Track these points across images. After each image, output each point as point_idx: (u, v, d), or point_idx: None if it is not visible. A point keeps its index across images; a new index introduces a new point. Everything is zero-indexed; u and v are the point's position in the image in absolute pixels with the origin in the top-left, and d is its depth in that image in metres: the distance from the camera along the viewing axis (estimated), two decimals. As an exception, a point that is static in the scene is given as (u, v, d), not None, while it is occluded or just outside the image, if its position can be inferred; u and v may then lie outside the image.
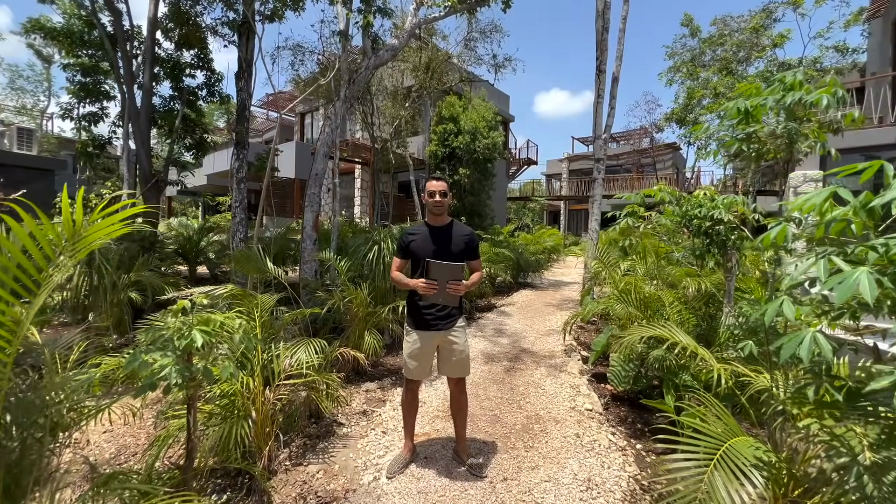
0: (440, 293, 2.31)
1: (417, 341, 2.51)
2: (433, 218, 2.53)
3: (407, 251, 2.52)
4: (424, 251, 2.44)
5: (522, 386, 3.85)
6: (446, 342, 2.53)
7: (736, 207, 3.62)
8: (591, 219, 7.03)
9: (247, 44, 6.40)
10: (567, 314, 6.88)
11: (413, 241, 2.50)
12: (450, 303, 2.38)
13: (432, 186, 2.47)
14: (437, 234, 2.50)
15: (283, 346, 2.92)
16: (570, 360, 4.63)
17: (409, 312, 2.56)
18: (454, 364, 2.56)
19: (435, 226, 2.52)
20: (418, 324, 2.51)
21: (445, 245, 2.48)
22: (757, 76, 12.52)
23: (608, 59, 6.98)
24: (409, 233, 2.55)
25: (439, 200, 2.45)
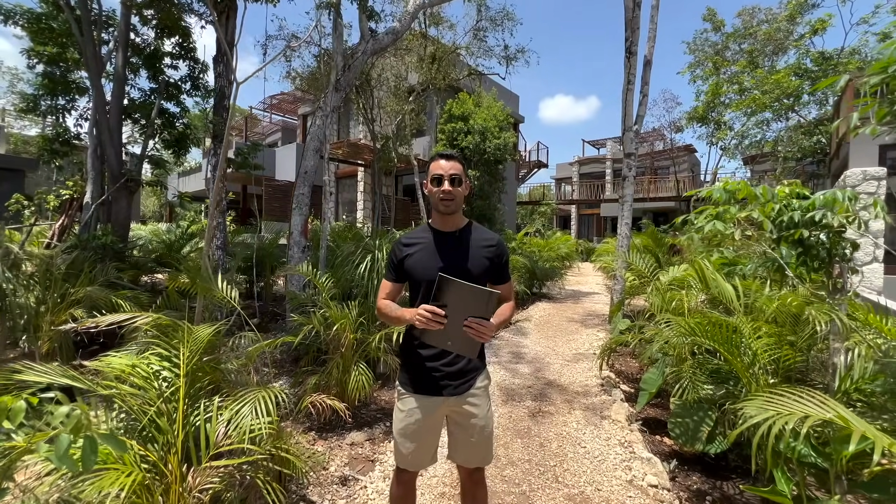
0: (453, 334, 1.40)
1: (415, 411, 1.60)
2: (441, 219, 1.62)
3: (401, 270, 1.63)
4: (427, 270, 1.55)
5: (555, 441, 2.93)
6: (459, 414, 1.63)
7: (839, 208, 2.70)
8: (620, 223, 6.10)
9: (227, 23, 5.63)
10: (594, 333, 5.95)
11: (410, 254, 1.60)
12: (466, 352, 1.47)
13: (439, 168, 1.56)
14: (448, 242, 1.61)
15: (229, 401, 2.04)
16: (608, 397, 3.70)
17: (404, 365, 1.68)
18: (471, 447, 1.64)
19: (443, 231, 1.62)
20: (417, 384, 1.62)
21: (460, 260, 1.58)
22: (789, 69, 11.54)
23: (640, 39, 6.09)
24: (403, 243, 1.64)
25: (449, 191, 1.54)
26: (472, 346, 1.44)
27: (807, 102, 11.94)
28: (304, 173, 5.79)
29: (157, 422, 1.79)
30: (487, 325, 1.38)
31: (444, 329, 1.39)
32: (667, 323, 3.49)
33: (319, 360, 3.69)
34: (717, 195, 2.47)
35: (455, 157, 1.60)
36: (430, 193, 1.60)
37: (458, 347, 1.44)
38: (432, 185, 1.58)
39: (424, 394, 1.60)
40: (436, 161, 1.60)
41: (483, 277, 1.61)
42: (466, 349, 1.45)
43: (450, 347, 1.44)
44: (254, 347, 2.76)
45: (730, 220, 2.41)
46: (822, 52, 11.27)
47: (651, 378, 3.32)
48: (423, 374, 1.60)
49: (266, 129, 26.14)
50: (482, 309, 1.38)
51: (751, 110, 12.33)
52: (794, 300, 2.52)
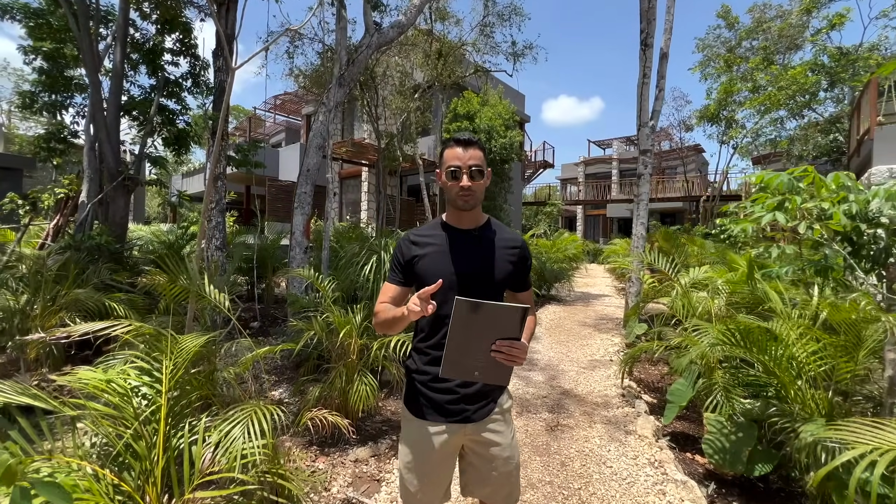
0: (480, 362, 1.14)
1: (425, 441, 1.34)
2: (457, 215, 1.36)
3: (409, 272, 1.36)
4: (443, 275, 1.27)
5: (578, 459, 2.68)
6: (479, 443, 1.37)
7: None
8: (636, 222, 5.84)
9: (227, 15, 5.43)
10: (608, 338, 5.69)
11: (421, 255, 1.34)
12: (497, 380, 1.22)
13: (455, 158, 1.28)
14: (466, 242, 1.35)
15: (217, 421, 1.81)
16: (631, 408, 3.44)
17: (411, 384, 1.41)
18: (494, 483, 1.38)
19: (460, 228, 1.37)
20: (426, 407, 1.35)
21: (481, 263, 1.34)
22: (806, 66, 11.22)
23: (656, 30, 5.84)
24: (412, 240, 1.37)
25: (469, 186, 1.28)
26: (503, 373, 1.19)
27: (823, 100, 11.62)
28: (306, 171, 5.58)
29: (134, 446, 1.56)
30: (520, 346, 1.13)
31: (468, 357, 1.14)
32: (695, 329, 3.25)
33: (321, 369, 3.47)
34: (779, 181, 2.19)
35: (474, 143, 1.32)
36: (444, 187, 1.34)
37: (488, 376, 1.19)
38: (448, 178, 1.30)
39: (436, 420, 1.34)
40: (451, 148, 1.31)
41: (504, 284, 1.38)
42: (497, 377, 1.20)
43: (477, 378, 1.20)
44: (246, 358, 2.54)
45: (793, 211, 2.13)
46: (839, 47, 10.94)
47: (679, 390, 3.06)
48: (434, 395, 1.34)
49: (270, 130, 26.05)
50: (514, 329, 1.13)
51: (765, 108, 12.02)
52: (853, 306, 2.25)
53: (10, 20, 5.93)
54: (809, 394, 2.28)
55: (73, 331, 2.24)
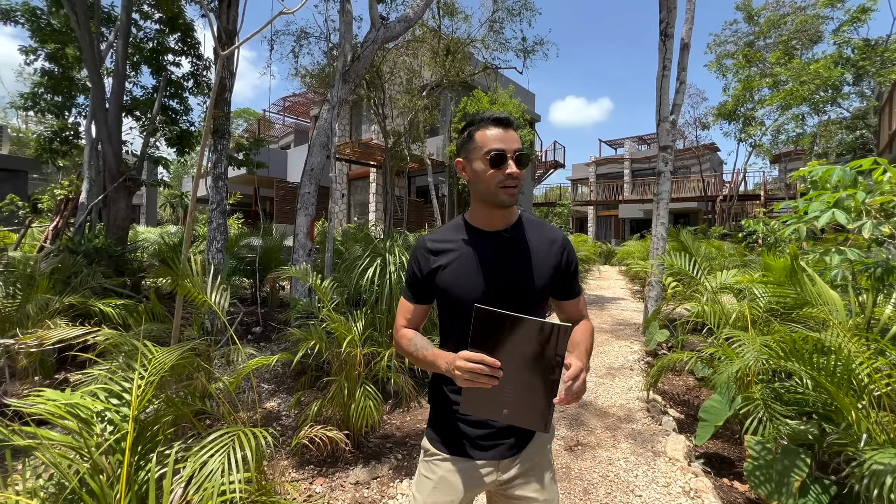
0: (510, 396, 0.90)
1: (453, 483, 1.08)
2: (488, 213, 1.09)
3: (429, 288, 1.11)
4: (472, 289, 1.05)
5: (602, 486, 2.40)
6: (511, 485, 1.10)
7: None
8: (655, 223, 5.53)
9: (228, 11, 5.26)
10: (627, 345, 5.38)
11: (443, 265, 1.08)
12: (531, 423, 0.93)
13: (498, 141, 1.01)
14: (496, 246, 1.09)
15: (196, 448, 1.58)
16: (658, 425, 3.15)
17: (437, 416, 1.15)
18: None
19: (489, 230, 1.10)
20: (456, 441, 1.10)
21: (518, 272, 1.08)
22: (829, 59, 10.76)
23: (676, 20, 5.53)
24: (430, 248, 1.10)
25: (518, 174, 1.02)
26: (539, 413, 0.90)
27: (848, 94, 11.13)
28: (309, 171, 5.38)
29: (91, 483, 1.34)
30: (580, 377, 0.90)
31: (494, 389, 0.88)
32: (729, 338, 2.96)
33: (322, 381, 3.24)
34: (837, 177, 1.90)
35: (513, 124, 1.07)
36: (477, 178, 1.05)
37: (519, 417, 0.92)
38: (488, 165, 1.01)
39: (467, 455, 1.08)
40: (486, 129, 1.03)
41: (545, 295, 1.12)
42: (531, 419, 0.91)
43: (505, 418, 0.92)
44: (238, 370, 2.32)
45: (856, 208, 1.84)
46: (866, 39, 10.47)
47: (715, 407, 2.77)
48: (467, 428, 1.09)
49: (279, 132, 26.12)
50: (557, 355, 0.86)
51: (785, 104, 11.57)
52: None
53: (13, 24, 5.85)
54: (874, 417, 1.98)
55: (45, 338, 2.05)
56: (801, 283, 2.31)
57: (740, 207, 19.82)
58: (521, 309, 1.00)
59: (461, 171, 1.10)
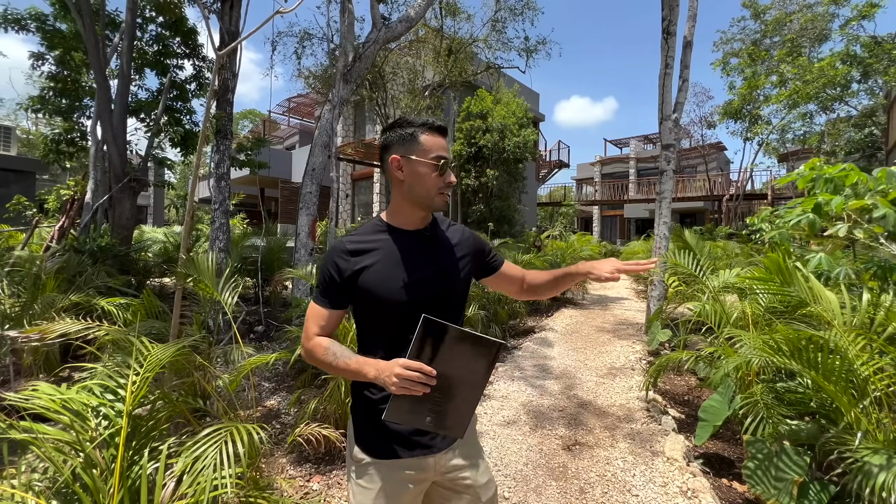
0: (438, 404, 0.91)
1: (394, 485, 1.06)
2: (412, 214, 1.11)
3: (348, 291, 1.07)
4: (397, 291, 1.04)
5: (599, 485, 2.39)
6: (451, 473, 1.12)
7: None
8: (658, 222, 5.50)
9: (230, 12, 5.31)
10: (629, 344, 5.35)
11: (366, 266, 1.05)
12: (452, 430, 0.96)
13: (443, 147, 1.06)
14: (418, 245, 1.11)
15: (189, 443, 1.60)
16: (657, 425, 3.13)
17: (362, 426, 1.10)
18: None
19: (410, 230, 1.12)
20: (392, 442, 1.07)
21: (443, 267, 1.12)
22: (836, 57, 10.62)
23: (679, 18, 5.50)
24: (349, 250, 1.07)
25: (451, 186, 1.09)
26: (462, 420, 0.95)
27: (856, 92, 10.99)
28: (311, 170, 5.41)
29: (84, 477, 1.36)
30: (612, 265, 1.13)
31: (425, 398, 0.90)
32: (730, 338, 2.93)
33: (321, 378, 3.26)
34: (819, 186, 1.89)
35: (445, 127, 1.11)
36: (419, 181, 1.05)
37: (441, 424, 0.94)
38: (434, 170, 1.04)
39: (405, 456, 1.06)
40: (432, 135, 1.06)
41: (467, 287, 1.19)
42: (453, 427, 0.95)
43: (428, 426, 0.94)
44: (237, 368, 2.34)
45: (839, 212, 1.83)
46: (873, 36, 10.33)
47: (714, 407, 2.75)
48: (395, 428, 1.06)
49: (285, 133, 26.26)
50: (486, 367, 0.91)
51: (792, 102, 11.44)
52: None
53: (25, 32, 5.95)
54: (874, 418, 1.95)
55: (47, 331, 2.08)
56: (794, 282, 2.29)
57: (747, 207, 19.63)
58: (450, 302, 1.11)
59: (397, 168, 1.06)
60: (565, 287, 1.32)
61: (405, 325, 1.01)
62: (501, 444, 2.85)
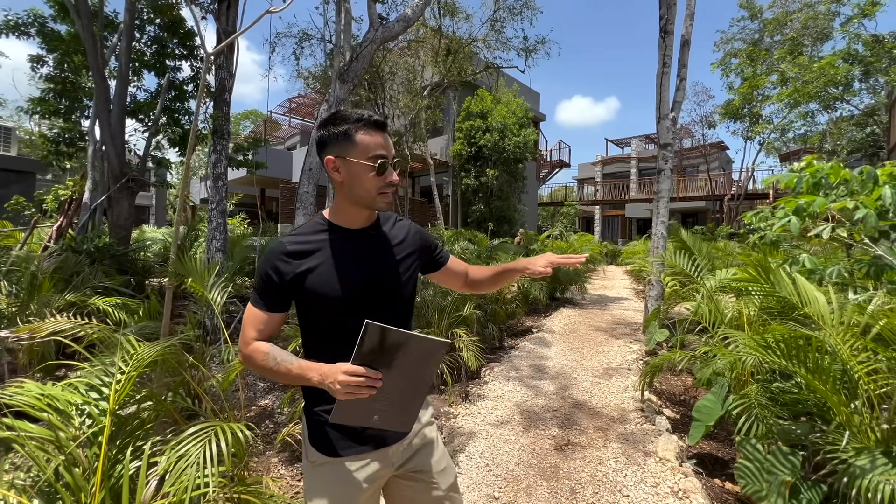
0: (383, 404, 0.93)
1: (348, 482, 1.05)
2: (355, 213, 1.08)
3: (291, 293, 1.04)
4: (342, 288, 1.02)
5: (590, 485, 2.38)
6: (409, 464, 1.13)
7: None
8: (655, 221, 5.48)
9: (227, 13, 5.32)
10: (626, 344, 5.34)
11: (310, 268, 1.02)
12: (398, 426, 1.00)
13: (382, 145, 1.02)
14: (362, 243, 1.10)
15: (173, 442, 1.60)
16: (651, 425, 3.12)
17: (314, 426, 1.08)
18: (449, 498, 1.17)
19: (353, 228, 1.10)
20: (342, 440, 1.06)
21: (388, 266, 1.11)
22: (837, 55, 10.57)
23: (676, 16, 5.48)
24: (291, 251, 1.03)
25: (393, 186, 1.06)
26: (408, 415, 0.98)
27: (858, 91, 10.92)
28: (308, 170, 5.42)
29: (65, 476, 1.36)
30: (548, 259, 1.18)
31: (371, 399, 0.91)
32: (724, 339, 2.92)
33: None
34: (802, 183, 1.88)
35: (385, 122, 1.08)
36: (357, 182, 1.02)
37: (388, 422, 0.96)
38: (369, 171, 1.00)
39: (358, 452, 1.06)
40: (370, 132, 1.01)
41: (413, 286, 1.18)
42: (400, 422, 0.98)
43: (375, 424, 0.95)
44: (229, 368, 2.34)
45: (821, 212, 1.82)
46: (875, 35, 10.27)
47: (707, 406, 2.73)
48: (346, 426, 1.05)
49: (286, 133, 26.31)
50: (431, 367, 0.94)
51: (793, 101, 11.37)
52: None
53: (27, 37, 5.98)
54: (866, 418, 1.94)
55: (37, 330, 2.09)
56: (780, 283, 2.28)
57: (749, 206, 19.56)
58: (398, 298, 1.12)
59: (333, 170, 1.03)
60: (506, 281, 1.33)
61: (351, 326, 0.98)
62: (493, 444, 2.84)
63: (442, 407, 3.43)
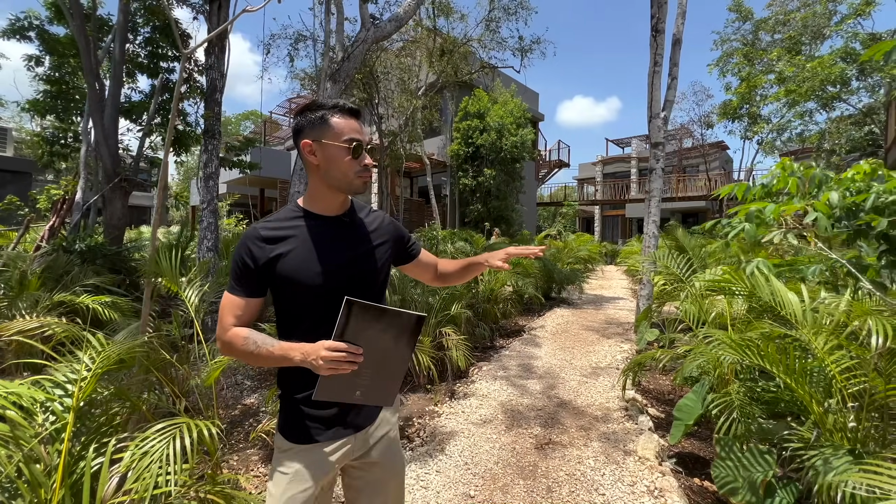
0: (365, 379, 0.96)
1: (315, 467, 1.07)
2: (331, 199, 1.10)
3: (267, 278, 1.05)
4: (317, 275, 1.04)
5: (567, 484, 2.38)
6: (370, 451, 1.18)
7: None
8: (647, 221, 5.47)
9: (218, 13, 5.34)
10: (617, 344, 5.33)
11: (283, 253, 1.04)
12: (381, 400, 1.05)
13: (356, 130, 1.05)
14: (336, 230, 1.12)
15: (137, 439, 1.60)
16: (633, 424, 3.11)
17: (287, 414, 1.12)
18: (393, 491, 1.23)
19: (328, 215, 1.12)
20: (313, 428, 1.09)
21: (362, 253, 1.14)
22: (835, 54, 10.51)
23: (667, 15, 5.46)
24: (265, 237, 1.05)
25: (368, 169, 1.08)
26: (389, 390, 1.04)
27: (856, 89, 10.86)
28: (299, 169, 5.42)
29: (25, 472, 1.37)
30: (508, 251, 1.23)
31: (352, 374, 0.94)
32: (705, 337, 2.91)
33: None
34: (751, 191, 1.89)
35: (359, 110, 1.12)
36: (333, 165, 1.04)
37: (371, 396, 1.01)
38: (348, 153, 1.03)
39: (327, 438, 1.09)
40: (345, 117, 1.04)
41: (387, 272, 1.22)
42: (382, 397, 1.04)
43: (358, 399, 1.00)
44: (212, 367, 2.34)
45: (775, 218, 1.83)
46: (872, 33, 10.22)
47: (688, 406, 2.72)
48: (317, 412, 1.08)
49: (285, 133, 26.35)
50: (408, 343, 0.97)
51: (791, 101, 11.32)
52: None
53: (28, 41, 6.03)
54: (839, 417, 1.93)
55: (4, 329, 2.10)
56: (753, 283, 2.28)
57: (749, 206, 19.47)
58: (371, 285, 1.14)
59: (309, 153, 1.05)
60: (473, 275, 1.38)
61: (325, 310, 1.03)
62: (474, 442, 2.84)
63: (427, 406, 3.44)
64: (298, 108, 1.12)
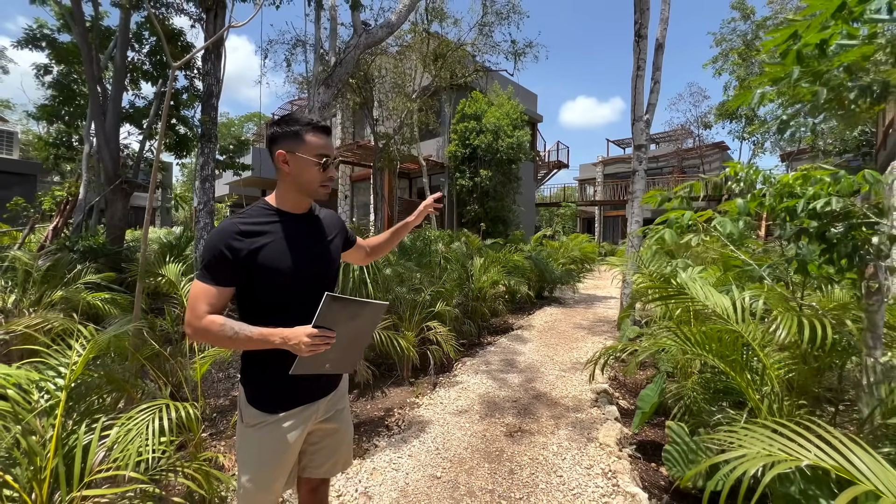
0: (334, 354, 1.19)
1: (290, 433, 1.26)
2: (298, 199, 1.29)
3: (242, 269, 1.16)
4: (291, 267, 1.20)
5: (528, 467, 2.54)
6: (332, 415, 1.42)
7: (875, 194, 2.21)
8: (630, 221, 5.61)
9: (215, 21, 5.54)
10: (601, 340, 5.47)
11: (260, 246, 1.18)
12: (346, 369, 1.33)
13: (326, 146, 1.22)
14: (303, 226, 1.31)
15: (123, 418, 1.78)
16: (602, 414, 3.26)
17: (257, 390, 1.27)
18: (343, 451, 1.47)
19: (296, 213, 1.30)
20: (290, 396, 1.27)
21: (324, 246, 1.36)
22: (829, 55, 10.57)
23: (650, 21, 5.61)
24: (242, 231, 1.17)
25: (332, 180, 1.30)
26: (353, 361, 1.32)
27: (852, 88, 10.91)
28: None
29: (22, 442, 1.55)
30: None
31: (326, 352, 1.17)
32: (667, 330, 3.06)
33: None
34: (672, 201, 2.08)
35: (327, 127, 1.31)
36: (303, 174, 1.22)
37: (338, 367, 1.26)
38: (317, 167, 1.21)
39: (301, 405, 1.30)
40: (317, 135, 1.21)
41: (339, 258, 1.44)
42: (347, 365, 1.31)
43: (327, 370, 1.24)
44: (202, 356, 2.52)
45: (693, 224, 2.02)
46: (866, 34, 10.27)
47: (648, 395, 2.88)
48: (289, 384, 1.24)
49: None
50: (372, 325, 1.26)
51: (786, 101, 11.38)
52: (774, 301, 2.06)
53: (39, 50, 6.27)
54: (768, 401, 2.08)
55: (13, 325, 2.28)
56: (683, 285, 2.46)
57: (748, 206, 19.48)
58: (330, 274, 1.36)
59: (283, 162, 1.21)
60: (399, 239, 1.73)
61: (296, 297, 1.23)
62: (448, 430, 3.00)
63: (408, 398, 3.60)
64: (275, 119, 1.33)
